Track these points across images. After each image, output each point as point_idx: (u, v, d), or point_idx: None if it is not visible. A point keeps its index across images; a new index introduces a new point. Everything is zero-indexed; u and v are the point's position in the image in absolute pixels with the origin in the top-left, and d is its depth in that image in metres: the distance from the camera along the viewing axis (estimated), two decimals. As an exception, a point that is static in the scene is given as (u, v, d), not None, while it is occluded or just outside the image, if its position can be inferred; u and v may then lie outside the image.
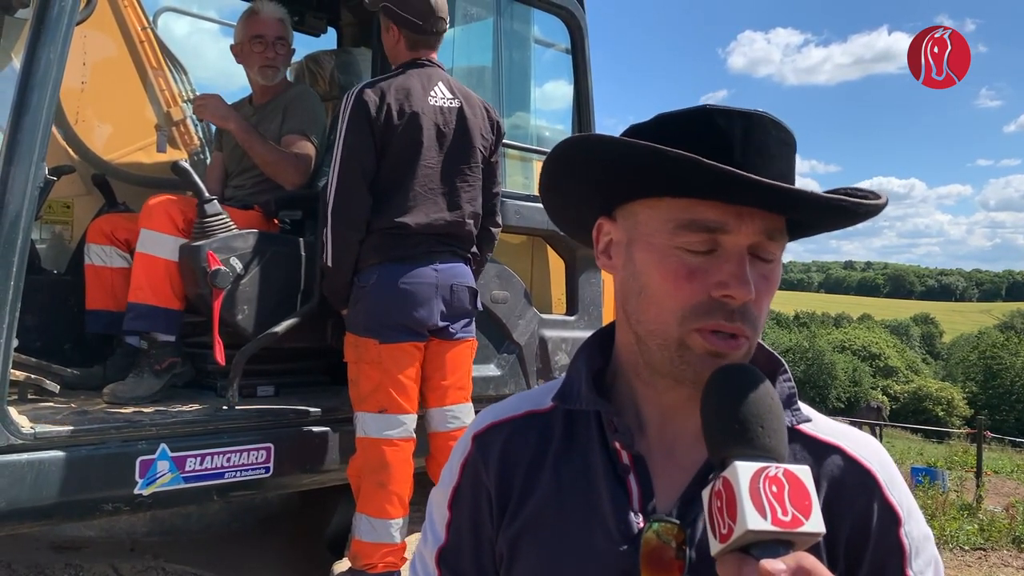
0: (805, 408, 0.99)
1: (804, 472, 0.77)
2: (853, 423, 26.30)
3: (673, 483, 0.96)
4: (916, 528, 0.92)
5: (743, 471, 0.76)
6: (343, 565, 3.07)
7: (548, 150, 3.37)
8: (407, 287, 2.88)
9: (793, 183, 0.92)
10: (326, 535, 4.18)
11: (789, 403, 0.97)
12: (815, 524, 0.75)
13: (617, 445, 0.97)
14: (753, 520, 0.74)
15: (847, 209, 0.90)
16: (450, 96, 3.03)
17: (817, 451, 0.96)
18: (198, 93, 4.32)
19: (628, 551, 0.92)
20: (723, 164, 0.84)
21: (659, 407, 0.99)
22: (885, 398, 52.93)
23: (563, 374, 1.07)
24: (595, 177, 0.96)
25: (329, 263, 2.94)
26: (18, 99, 2.42)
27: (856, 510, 0.92)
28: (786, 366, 0.99)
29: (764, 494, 0.75)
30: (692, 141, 0.86)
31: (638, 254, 0.94)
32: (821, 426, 0.99)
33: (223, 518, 3.87)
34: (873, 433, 25.06)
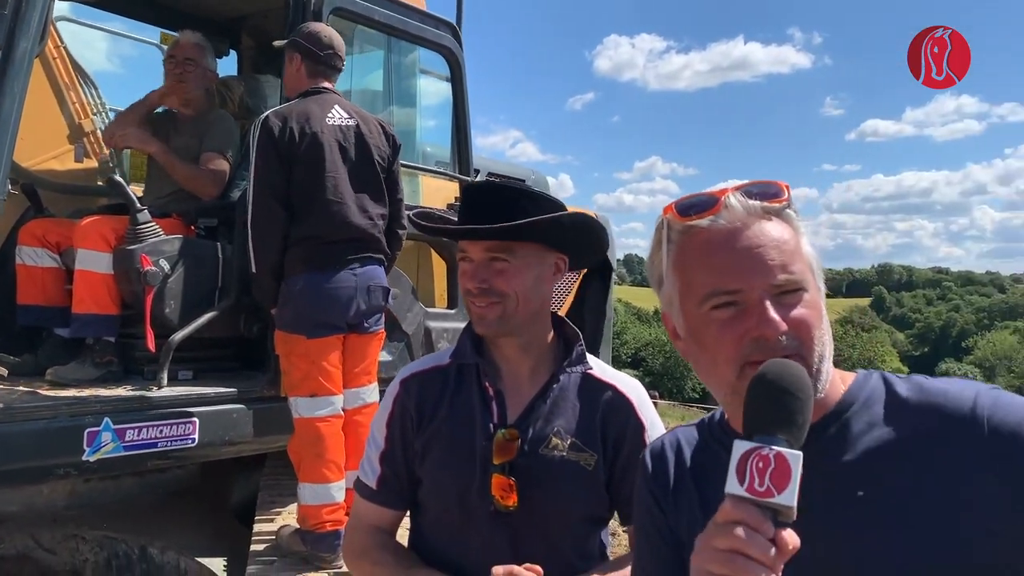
0: (592, 361, 1.71)
1: (795, 457, 0.87)
2: (709, 411, 28.24)
3: (517, 406, 1.67)
4: (656, 435, 1.62)
5: (737, 448, 0.90)
6: (288, 530, 3.58)
7: (433, 167, 4.01)
8: (330, 291, 3.35)
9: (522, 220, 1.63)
10: (231, 505, 4.65)
11: (580, 360, 1.68)
12: (786, 499, 0.85)
13: (486, 384, 1.67)
14: (731, 485, 0.88)
15: (511, 230, 1.61)
16: (346, 116, 3.47)
17: (599, 387, 1.68)
18: (107, 105, 4.71)
19: (487, 445, 1.61)
20: (469, 217, 1.63)
21: (505, 358, 1.71)
22: (736, 388, 56.10)
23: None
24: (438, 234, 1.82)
25: (254, 270, 3.37)
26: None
27: (619, 422, 1.65)
28: (582, 338, 1.71)
29: (751, 470, 0.88)
30: (473, 202, 1.69)
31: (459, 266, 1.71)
32: (606, 372, 1.71)
33: (136, 491, 4.25)
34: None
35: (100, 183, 4.30)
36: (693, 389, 57.74)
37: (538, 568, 1.46)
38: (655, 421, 1.67)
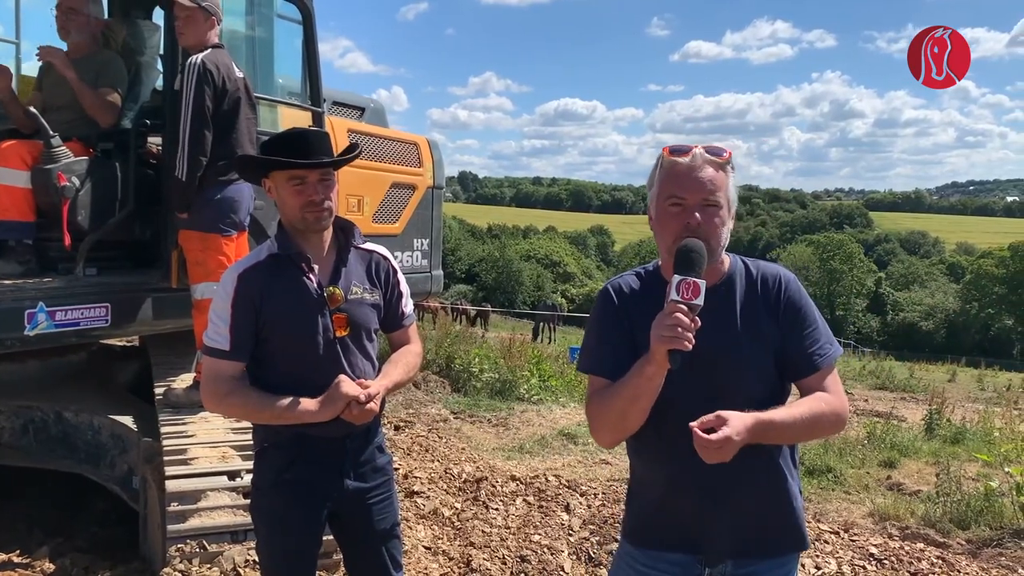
0: (359, 236, 2.59)
1: (703, 284, 1.73)
2: (536, 321, 30.51)
3: (325, 274, 2.46)
4: (402, 277, 2.70)
5: (675, 279, 1.75)
6: (180, 388, 4.53)
7: (290, 100, 5.09)
8: (238, 199, 4.31)
9: (332, 158, 2.45)
10: (124, 383, 5.50)
11: (358, 238, 2.57)
12: (699, 302, 1.71)
13: (302, 264, 2.43)
14: (672, 295, 1.73)
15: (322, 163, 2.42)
16: (239, 71, 4.43)
17: (367, 252, 2.59)
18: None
19: (321, 298, 2.43)
20: (299, 156, 2.36)
21: (312, 245, 2.47)
22: (564, 300, 59.48)
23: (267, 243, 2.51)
24: (265, 166, 2.44)
25: (183, 178, 4.17)
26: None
27: (384, 270, 2.64)
28: (358, 227, 2.58)
29: (682, 289, 1.72)
30: (290, 146, 2.39)
31: (282, 190, 2.40)
32: (373, 245, 2.68)
33: (39, 374, 5.01)
34: (551, 327, 29.56)
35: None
36: (524, 302, 60.27)
37: (364, 381, 2.41)
38: (399, 267, 2.70)
